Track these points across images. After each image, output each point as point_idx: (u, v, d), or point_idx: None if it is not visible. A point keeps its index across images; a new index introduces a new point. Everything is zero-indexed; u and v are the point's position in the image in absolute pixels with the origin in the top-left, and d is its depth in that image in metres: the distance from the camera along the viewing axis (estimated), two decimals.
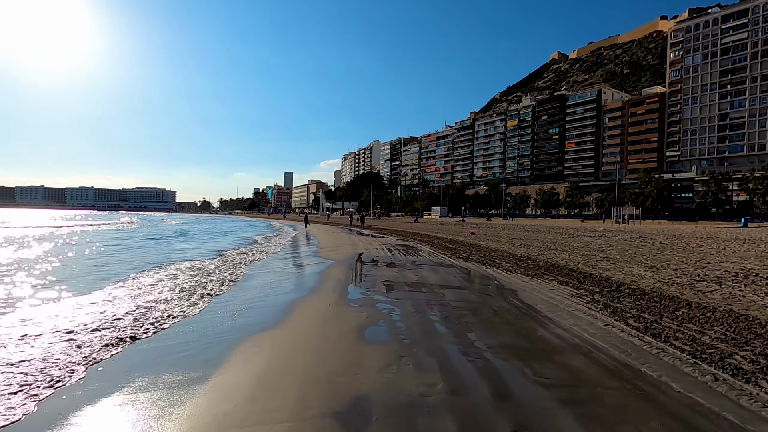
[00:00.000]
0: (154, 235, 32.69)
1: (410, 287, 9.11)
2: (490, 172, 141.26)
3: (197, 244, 24.09)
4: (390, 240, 25.00)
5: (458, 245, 20.51)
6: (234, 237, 32.17)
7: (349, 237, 27.59)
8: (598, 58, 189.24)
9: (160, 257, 16.17)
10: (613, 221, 62.95)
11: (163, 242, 25.94)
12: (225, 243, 25.20)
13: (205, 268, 12.48)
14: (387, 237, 28.35)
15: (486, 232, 31.33)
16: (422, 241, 24.22)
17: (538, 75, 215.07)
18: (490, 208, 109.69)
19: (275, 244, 23.59)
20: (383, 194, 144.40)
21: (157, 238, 30.05)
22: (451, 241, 23.14)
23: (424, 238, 26.73)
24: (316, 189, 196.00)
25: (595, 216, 77.01)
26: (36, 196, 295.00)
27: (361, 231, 37.39)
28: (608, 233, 29.17)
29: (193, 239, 29.19)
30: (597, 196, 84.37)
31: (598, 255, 14.62)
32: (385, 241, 24.29)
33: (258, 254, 17.00)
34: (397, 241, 23.80)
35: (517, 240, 23.23)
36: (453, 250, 18.07)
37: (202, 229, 44.83)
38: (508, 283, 9.71)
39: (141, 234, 34.56)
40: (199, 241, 27.67)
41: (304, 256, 17.32)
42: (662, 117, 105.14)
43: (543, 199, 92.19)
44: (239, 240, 28.01)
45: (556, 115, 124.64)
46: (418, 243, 22.57)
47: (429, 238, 25.98)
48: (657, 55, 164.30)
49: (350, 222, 55.01)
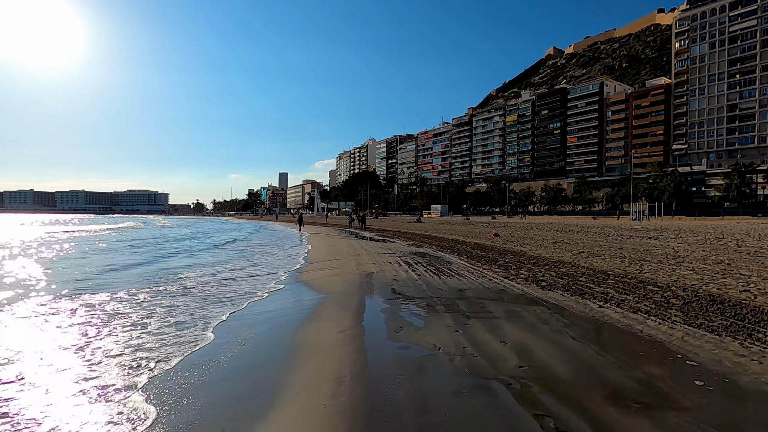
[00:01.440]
0: (108, 246, 27.30)
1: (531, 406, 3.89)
2: (489, 169, 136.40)
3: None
4: (400, 246, 19.82)
5: (493, 253, 15.33)
6: (201, 246, 26.86)
7: (349, 243, 22.34)
8: (596, 53, 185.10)
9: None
10: (630, 218, 58.10)
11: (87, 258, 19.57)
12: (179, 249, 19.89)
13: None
14: (394, 241, 23.19)
15: (510, 234, 26.19)
16: (441, 246, 19.03)
17: (534, 71, 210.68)
18: (492, 206, 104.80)
19: (242, 257, 18.40)
20: (380, 193, 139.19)
21: (97, 251, 24.57)
22: (479, 247, 17.96)
23: (440, 242, 21.55)
24: (311, 189, 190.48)
25: (606, 212, 72.35)
26: (25, 201, 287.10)
27: (361, 234, 32.15)
28: (657, 232, 24.15)
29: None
30: (606, 191, 79.60)
31: (712, 266, 9.53)
32: (395, 247, 19.09)
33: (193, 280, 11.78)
34: (409, 248, 18.63)
35: (561, 244, 18.10)
36: (494, 261, 12.87)
37: (172, 235, 39.30)
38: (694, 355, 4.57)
39: (80, 245, 29.14)
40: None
41: (275, 281, 11.94)
42: (668, 109, 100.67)
43: (549, 196, 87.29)
44: (202, 246, 22.77)
45: (557, 109, 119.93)
46: (439, 250, 17.36)
47: (447, 243, 20.80)
48: (656, 48, 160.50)
49: (349, 223, 49.29)
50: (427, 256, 15.28)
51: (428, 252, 16.93)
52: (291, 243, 23.46)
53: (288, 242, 24.52)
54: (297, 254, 16.88)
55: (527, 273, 10.22)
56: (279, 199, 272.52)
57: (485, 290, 8.46)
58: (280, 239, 27.46)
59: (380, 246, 19.87)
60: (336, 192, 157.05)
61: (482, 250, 16.50)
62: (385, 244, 21.45)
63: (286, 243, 23.72)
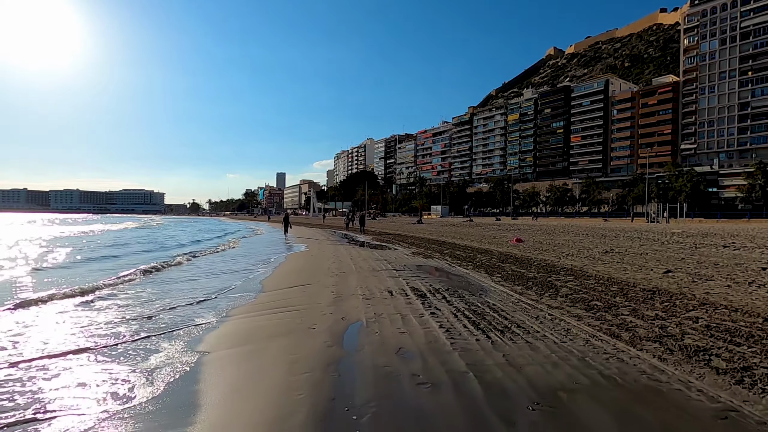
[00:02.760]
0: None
1: None
2: (490, 169, 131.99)
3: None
4: (402, 256, 15.27)
5: (537, 270, 10.73)
6: (137, 252, 22.15)
7: (336, 252, 17.71)
8: (597, 53, 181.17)
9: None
10: (645, 220, 53.74)
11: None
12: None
13: None
14: (394, 247, 18.63)
15: (535, 239, 21.66)
16: (455, 257, 14.48)
17: (534, 71, 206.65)
18: (494, 207, 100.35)
19: (162, 283, 13.77)
20: (378, 193, 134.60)
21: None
22: (509, 259, 13.40)
23: (452, 250, 16.99)
24: (308, 189, 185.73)
25: (615, 213, 68.00)
26: (18, 200, 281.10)
27: (355, 238, 27.53)
28: (708, 238, 19.68)
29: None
30: (616, 192, 75.19)
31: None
32: (396, 258, 14.53)
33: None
34: (415, 259, 14.09)
35: (615, 255, 13.58)
36: (551, 287, 8.26)
37: (125, 238, 34.58)
38: None
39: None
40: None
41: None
42: (676, 107, 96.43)
43: (555, 196, 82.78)
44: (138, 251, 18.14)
45: (561, 107, 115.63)
46: (455, 263, 12.78)
47: (462, 252, 16.24)
48: (659, 47, 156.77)
49: (347, 225, 43.65)
50: (443, 276, 10.71)
51: (442, 266, 12.36)
52: (262, 253, 18.63)
53: (260, 252, 19.48)
54: (255, 276, 11.35)
55: (642, 323, 5.62)
56: (276, 199, 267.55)
57: (609, 384, 3.86)
58: (253, 247, 22.47)
59: (377, 256, 15.28)
60: (333, 192, 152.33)
61: (516, 265, 11.94)
62: (382, 252, 16.87)
63: (255, 253, 18.71)
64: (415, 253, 16.10)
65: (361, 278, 9.81)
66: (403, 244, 20.82)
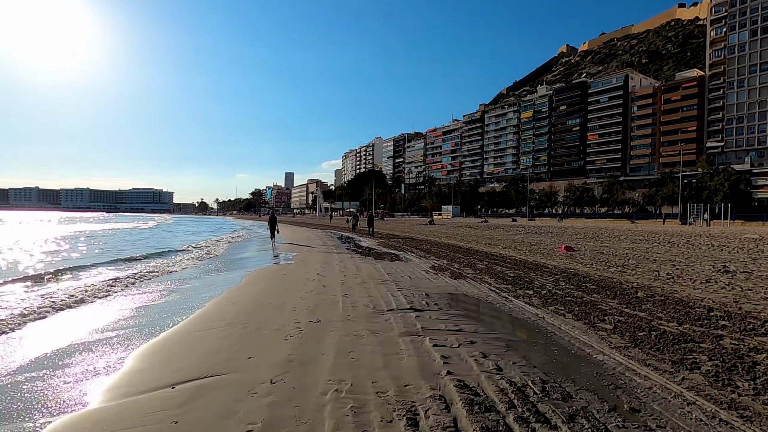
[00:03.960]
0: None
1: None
2: (502, 169, 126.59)
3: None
4: (419, 274, 10.49)
5: (652, 305, 6.00)
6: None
7: (325, 266, 12.93)
8: (612, 50, 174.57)
9: None
10: (678, 222, 48.34)
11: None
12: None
13: None
14: (407, 257, 13.85)
15: (584, 246, 16.81)
16: (494, 274, 9.71)
17: (546, 69, 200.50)
18: (507, 207, 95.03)
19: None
20: (386, 193, 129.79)
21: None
22: (583, 283, 8.66)
23: (486, 263, 12.24)
24: (315, 188, 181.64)
25: (643, 215, 62.50)
26: (30, 198, 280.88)
27: (359, 243, 22.84)
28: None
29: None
30: (642, 191, 69.62)
31: None
32: (413, 281, 9.74)
33: None
34: (440, 282, 9.30)
35: (737, 276, 8.78)
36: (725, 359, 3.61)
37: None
38: None
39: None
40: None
41: None
42: (701, 103, 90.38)
43: (574, 196, 77.24)
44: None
45: (577, 104, 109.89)
46: (503, 289, 7.99)
47: (499, 265, 11.47)
48: (678, 43, 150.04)
49: (353, 227, 35.28)
50: (502, 325, 5.94)
51: (488, 297, 7.58)
52: (212, 271, 14.16)
53: (215, 267, 15.10)
54: (153, 329, 6.84)
55: None
56: (283, 198, 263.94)
57: None
58: (218, 264, 17.99)
59: (383, 274, 10.53)
60: (340, 192, 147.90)
61: (610, 296, 7.10)
62: (391, 266, 12.15)
63: (208, 270, 14.33)
64: (437, 269, 11.36)
65: (348, 339, 5.05)
66: (418, 252, 16.08)
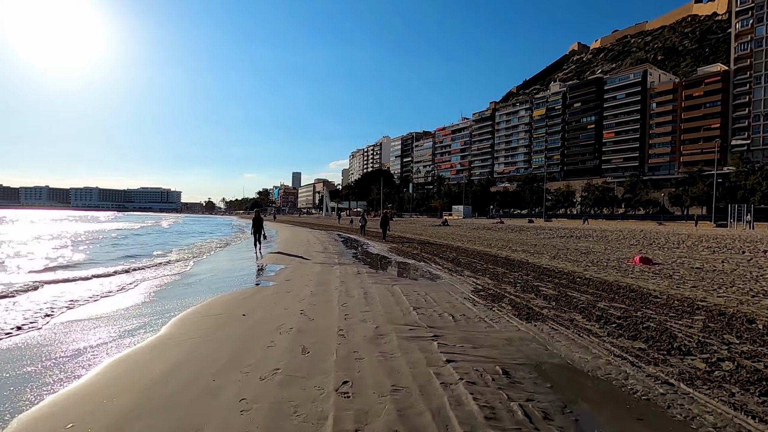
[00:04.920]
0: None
1: None
2: (513, 168, 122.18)
3: None
4: (465, 309, 6.75)
5: None
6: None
7: (313, 297, 9.26)
8: (625, 47, 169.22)
9: None
10: (712, 224, 43.98)
11: None
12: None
13: None
14: (431, 269, 9.96)
15: (662, 257, 12.90)
16: (602, 320, 6.02)
17: (557, 67, 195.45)
18: (521, 207, 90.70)
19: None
20: (394, 193, 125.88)
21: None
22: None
23: (553, 285, 8.49)
24: (322, 188, 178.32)
25: (668, 216, 58.05)
26: (40, 197, 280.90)
27: (368, 249, 19.06)
28: None
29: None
30: (668, 191, 65.09)
31: None
32: (466, 333, 6.09)
33: None
34: (514, 334, 5.60)
35: None
36: None
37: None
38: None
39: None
40: None
41: None
42: (726, 99, 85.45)
43: (594, 196, 72.72)
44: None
45: (592, 101, 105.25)
46: (648, 357, 4.32)
47: (581, 293, 7.74)
48: (695, 39, 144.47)
49: (361, 229, 29.67)
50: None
51: (632, 382, 3.80)
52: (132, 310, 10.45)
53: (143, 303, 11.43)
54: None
55: None
56: (290, 198, 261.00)
57: None
58: (166, 288, 14.43)
59: (409, 310, 6.65)
60: (347, 191, 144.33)
61: None
62: (417, 289, 8.33)
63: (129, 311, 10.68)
64: (485, 295, 7.50)
65: None
66: (444, 263, 12.25)
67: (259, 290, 8.23)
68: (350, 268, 11.19)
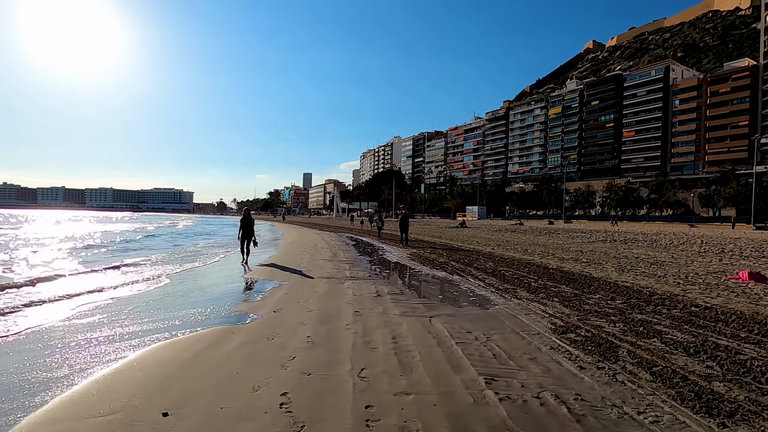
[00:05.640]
0: None
1: None
2: (528, 168, 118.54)
3: None
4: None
5: None
6: None
7: (322, 367, 6.66)
8: (643, 44, 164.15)
9: None
10: (751, 227, 40.37)
11: None
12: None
13: None
14: (473, 284, 7.30)
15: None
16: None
17: (571, 65, 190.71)
18: (537, 208, 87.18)
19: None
20: (405, 193, 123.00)
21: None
22: None
23: (671, 321, 5.72)
24: (333, 188, 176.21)
25: (696, 217, 54.30)
26: (57, 197, 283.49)
27: (383, 254, 16.33)
28: None
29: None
30: (698, 191, 61.22)
31: None
32: None
33: None
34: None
35: None
36: None
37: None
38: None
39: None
40: None
41: None
42: (754, 95, 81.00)
43: (617, 197, 68.98)
44: None
45: (611, 99, 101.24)
46: None
47: (728, 338, 4.97)
48: (717, 35, 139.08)
49: (378, 231, 26.06)
50: None
51: None
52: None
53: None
54: None
55: None
56: (301, 199, 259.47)
57: None
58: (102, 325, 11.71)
59: (476, 379, 3.91)
60: (358, 192, 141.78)
61: None
62: (469, 326, 5.60)
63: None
64: (589, 345, 4.70)
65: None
66: (484, 276, 9.46)
67: (223, 335, 5.01)
68: (366, 287, 8.45)
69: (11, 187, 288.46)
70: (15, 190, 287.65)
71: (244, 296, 7.75)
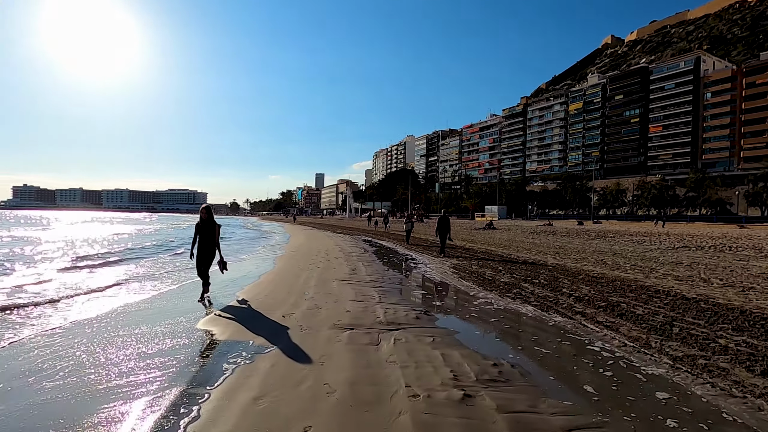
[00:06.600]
0: None
1: None
2: (547, 166, 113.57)
3: None
4: None
5: None
6: None
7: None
8: (665, 37, 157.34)
9: None
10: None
11: None
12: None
13: None
14: (616, 347, 3.65)
15: None
16: None
17: (589, 61, 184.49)
18: (560, 208, 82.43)
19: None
20: (419, 193, 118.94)
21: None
22: None
23: None
24: (345, 188, 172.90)
25: (750, 216, 49.18)
26: (74, 198, 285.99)
27: (423, 271, 12.48)
28: None
29: None
30: (743, 189, 56.15)
31: None
32: None
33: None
34: None
35: None
36: None
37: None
38: None
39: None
40: None
41: None
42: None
43: (650, 195, 64.01)
44: None
45: (636, 93, 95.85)
46: None
47: None
48: (746, 26, 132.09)
49: (406, 236, 20.08)
50: None
51: None
52: None
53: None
54: None
55: None
56: (313, 199, 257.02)
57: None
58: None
59: None
60: (371, 191, 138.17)
61: None
62: None
63: None
64: None
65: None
66: (603, 316, 5.57)
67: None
68: (424, 357, 4.51)
69: (31, 189, 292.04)
70: (35, 191, 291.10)
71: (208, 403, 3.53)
